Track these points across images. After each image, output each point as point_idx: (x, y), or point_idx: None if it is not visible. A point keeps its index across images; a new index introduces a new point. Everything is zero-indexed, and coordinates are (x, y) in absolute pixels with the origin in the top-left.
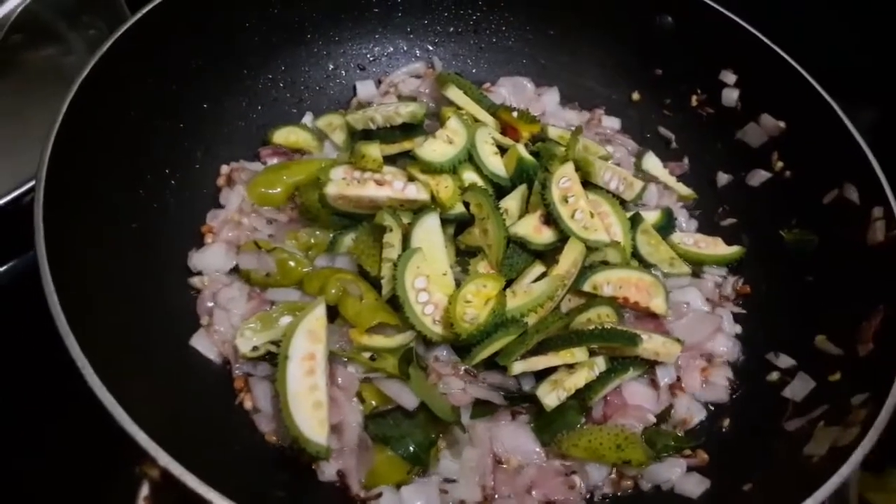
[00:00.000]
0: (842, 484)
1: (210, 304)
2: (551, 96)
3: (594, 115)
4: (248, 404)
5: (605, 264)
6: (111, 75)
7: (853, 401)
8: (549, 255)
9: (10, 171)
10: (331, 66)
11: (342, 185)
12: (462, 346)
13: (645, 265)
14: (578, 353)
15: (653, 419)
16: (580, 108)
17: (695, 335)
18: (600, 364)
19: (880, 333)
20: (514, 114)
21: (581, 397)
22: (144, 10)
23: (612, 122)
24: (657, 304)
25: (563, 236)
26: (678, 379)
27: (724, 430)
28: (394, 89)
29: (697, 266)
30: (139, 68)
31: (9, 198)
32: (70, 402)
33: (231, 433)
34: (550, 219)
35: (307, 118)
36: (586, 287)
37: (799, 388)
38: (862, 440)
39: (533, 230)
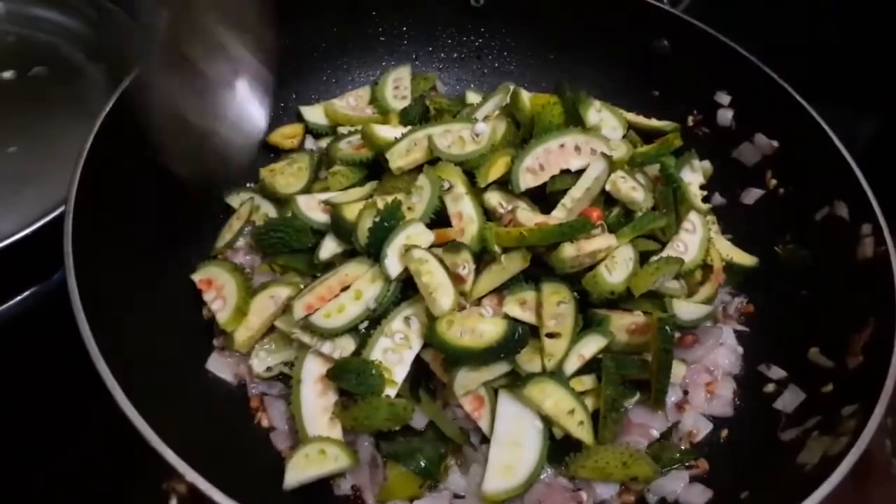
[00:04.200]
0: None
1: None
2: None
3: None
4: (264, 423)
5: None
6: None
7: (843, 412)
8: None
9: (36, 198)
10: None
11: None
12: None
13: None
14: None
15: (657, 435)
16: None
17: (698, 350)
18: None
19: (869, 346)
20: None
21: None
22: None
23: None
24: None
25: None
26: (685, 394)
27: (722, 440)
28: None
29: None
30: None
31: (38, 224)
32: (98, 421)
33: (250, 450)
34: None
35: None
36: None
37: (789, 399)
38: (851, 449)
39: None
